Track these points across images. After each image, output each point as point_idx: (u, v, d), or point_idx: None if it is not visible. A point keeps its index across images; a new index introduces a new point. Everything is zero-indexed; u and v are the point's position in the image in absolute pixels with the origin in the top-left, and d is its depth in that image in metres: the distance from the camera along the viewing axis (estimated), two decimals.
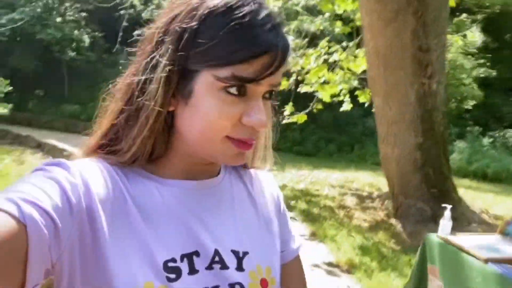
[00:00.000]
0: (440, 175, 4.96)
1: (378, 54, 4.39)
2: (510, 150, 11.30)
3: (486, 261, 2.01)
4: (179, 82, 0.50)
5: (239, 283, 0.53)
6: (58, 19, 13.39)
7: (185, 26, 0.49)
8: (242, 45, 0.47)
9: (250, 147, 0.53)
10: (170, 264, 0.50)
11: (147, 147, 0.52)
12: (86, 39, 14.02)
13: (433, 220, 4.65)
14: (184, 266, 0.50)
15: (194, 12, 0.49)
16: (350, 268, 3.56)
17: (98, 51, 14.97)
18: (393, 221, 5.22)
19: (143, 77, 0.50)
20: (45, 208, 0.42)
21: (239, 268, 0.54)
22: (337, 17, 8.07)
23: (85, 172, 0.49)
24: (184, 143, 0.54)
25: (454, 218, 5.05)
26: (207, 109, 0.49)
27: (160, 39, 0.51)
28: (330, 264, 3.65)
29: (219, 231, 0.55)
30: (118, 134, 0.53)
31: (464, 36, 10.22)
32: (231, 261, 0.54)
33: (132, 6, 11.62)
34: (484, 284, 1.98)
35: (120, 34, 9.59)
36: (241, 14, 0.48)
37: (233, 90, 0.49)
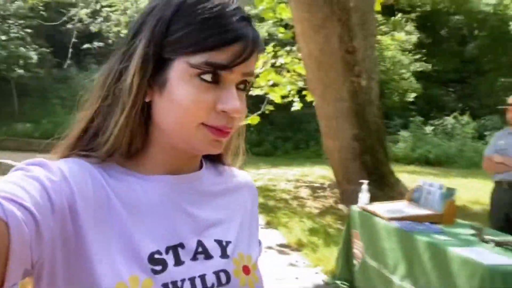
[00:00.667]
0: (376, 162, 5.60)
1: (312, 57, 4.96)
2: (449, 136, 12.44)
3: (389, 219, 2.56)
4: (154, 71, 0.51)
5: (224, 270, 0.55)
6: (3, 37, 13.12)
7: (160, 15, 0.51)
8: (214, 32, 0.49)
9: (227, 135, 0.54)
10: (156, 256, 0.51)
11: (125, 137, 0.52)
12: (34, 56, 13.79)
13: (373, 202, 5.29)
14: (169, 258, 0.52)
15: (169, 3, 0.51)
16: (299, 247, 4.07)
17: (47, 67, 14.76)
18: (340, 206, 5.83)
19: (120, 66, 0.52)
20: (26, 206, 0.43)
21: (224, 255, 0.57)
22: (281, 22, 8.66)
23: (66, 170, 0.49)
24: (162, 135, 0.54)
25: (392, 198, 5.74)
26: (181, 96, 0.51)
27: (137, 30, 0.53)
28: (281, 245, 4.14)
29: (203, 222, 0.57)
30: (96, 128, 0.54)
31: (392, 35, 11.21)
32: (215, 251, 0.56)
33: (80, 20, 11.65)
34: (387, 237, 2.53)
35: (70, 50, 9.65)
36: (213, 5, 0.50)
37: (207, 77, 0.50)
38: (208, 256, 0.55)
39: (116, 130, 0.52)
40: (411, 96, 13.43)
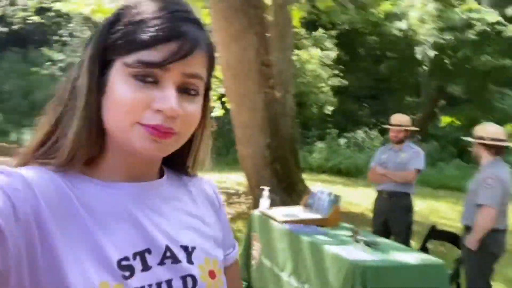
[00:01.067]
0: (287, 170, 6.05)
1: (229, 66, 5.25)
2: (360, 148, 13.66)
3: (282, 222, 2.90)
4: (100, 73, 0.54)
5: (191, 275, 0.58)
6: None
7: (107, 20, 0.55)
8: (148, 31, 0.51)
9: (167, 136, 0.54)
10: (124, 263, 0.52)
11: (81, 141, 0.54)
12: None
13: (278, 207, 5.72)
14: (136, 264, 0.53)
15: (116, 8, 0.56)
16: None
17: None
18: (252, 211, 6.18)
19: (76, 71, 0.56)
20: None
21: (189, 261, 0.59)
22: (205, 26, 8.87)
23: (30, 178, 0.50)
24: (111, 138, 0.56)
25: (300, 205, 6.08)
26: (118, 95, 0.52)
27: (91, 37, 0.57)
28: None
29: (168, 228, 0.59)
30: (57, 134, 0.55)
31: (309, 51, 12.10)
32: (181, 256, 0.58)
33: None
34: (279, 238, 2.86)
35: None
36: (152, 6, 0.53)
37: (142, 76, 0.52)
38: (176, 261, 0.57)
39: (72, 134, 0.53)
40: (328, 109, 14.50)
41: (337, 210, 3.05)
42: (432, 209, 7.73)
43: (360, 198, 7.80)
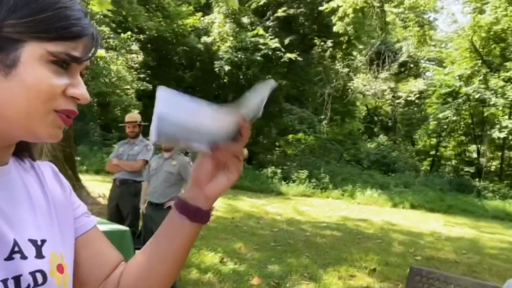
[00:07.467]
0: (64, 170, 6.54)
1: None
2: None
3: None
4: None
5: (40, 271, 0.57)
6: None
7: None
8: (72, 24, 0.54)
9: (71, 122, 0.56)
10: None
11: None
12: None
13: None
14: None
15: None
16: None
17: None
18: None
19: None
20: None
21: (39, 255, 0.58)
22: None
23: None
24: None
25: None
26: (36, 80, 0.52)
27: None
28: None
29: (16, 220, 0.57)
30: None
31: (100, 53, 12.63)
32: (29, 250, 0.57)
33: None
34: None
35: None
36: None
37: (61, 63, 0.53)
38: (23, 256, 0.56)
39: None
40: (134, 112, 15.05)
41: None
42: None
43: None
